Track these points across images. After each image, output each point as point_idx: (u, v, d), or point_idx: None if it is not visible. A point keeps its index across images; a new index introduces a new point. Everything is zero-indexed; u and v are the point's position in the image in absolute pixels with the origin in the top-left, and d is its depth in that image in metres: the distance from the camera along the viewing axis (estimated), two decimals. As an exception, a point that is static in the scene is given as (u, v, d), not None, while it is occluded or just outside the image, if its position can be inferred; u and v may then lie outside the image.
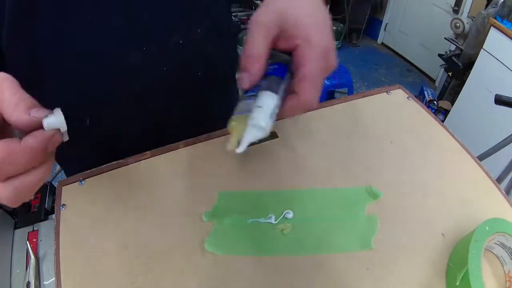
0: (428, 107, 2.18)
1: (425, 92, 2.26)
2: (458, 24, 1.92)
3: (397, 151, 0.48)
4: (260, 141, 0.38)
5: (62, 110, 0.24)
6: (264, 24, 0.31)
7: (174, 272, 0.34)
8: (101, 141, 0.49)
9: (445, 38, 2.09)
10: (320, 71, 0.31)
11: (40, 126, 0.23)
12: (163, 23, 0.42)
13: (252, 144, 0.30)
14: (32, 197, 0.80)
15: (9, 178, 0.23)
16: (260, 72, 0.31)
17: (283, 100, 0.31)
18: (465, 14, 2.15)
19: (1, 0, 0.34)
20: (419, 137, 0.51)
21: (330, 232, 0.39)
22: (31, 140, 0.22)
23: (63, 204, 0.39)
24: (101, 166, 0.43)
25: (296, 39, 0.31)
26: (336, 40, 3.00)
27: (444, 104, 2.20)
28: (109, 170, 0.42)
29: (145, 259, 0.35)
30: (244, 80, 0.32)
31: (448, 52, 2.15)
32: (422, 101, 2.19)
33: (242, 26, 2.60)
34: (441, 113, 2.18)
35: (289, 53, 0.32)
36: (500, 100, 1.07)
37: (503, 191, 0.44)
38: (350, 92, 2.12)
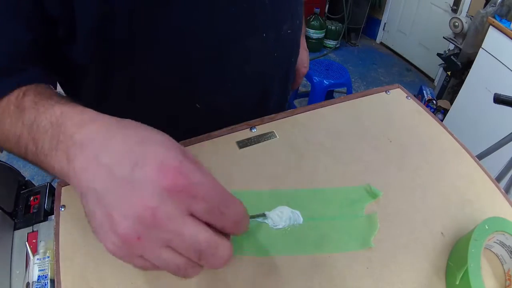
0: (427, 106, 2.18)
1: (424, 92, 2.27)
2: (457, 24, 1.92)
3: (396, 150, 0.48)
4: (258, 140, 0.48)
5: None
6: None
7: (174, 272, 0.34)
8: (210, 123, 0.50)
9: (444, 37, 2.09)
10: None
11: None
12: (279, 13, 0.49)
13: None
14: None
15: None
16: None
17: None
18: (463, 14, 2.15)
19: None
20: (418, 136, 0.51)
21: (330, 231, 0.39)
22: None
23: (63, 205, 0.39)
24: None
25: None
26: (335, 40, 3.00)
27: (443, 103, 2.21)
28: (109, 171, 0.42)
29: (145, 260, 0.35)
30: None
31: (447, 52, 2.15)
32: (421, 101, 2.19)
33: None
34: (440, 112, 2.18)
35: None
36: (499, 99, 1.07)
37: (503, 190, 0.44)
38: (349, 91, 2.12)
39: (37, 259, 0.59)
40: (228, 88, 0.50)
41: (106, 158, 0.23)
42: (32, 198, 0.79)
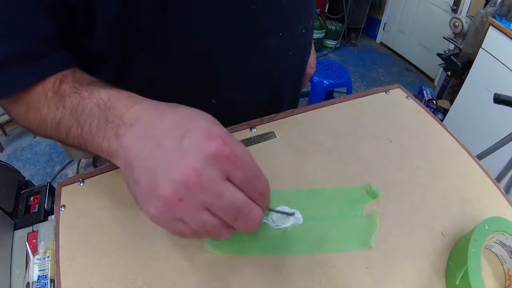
0: (427, 106, 2.18)
1: (424, 92, 2.26)
2: (457, 24, 1.92)
3: (396, 150, 0.48)
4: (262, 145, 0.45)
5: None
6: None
7: (174, 272, 0.34)
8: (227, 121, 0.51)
9: (444, 37, 2.09)
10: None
11: None
12: (295, 12, 0.49)
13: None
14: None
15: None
16: None
17: None
18: (463, 14, 2.15)
19: None
20: (418, 136, 0.51)
21: (330, 231, 0.39)
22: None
23: (63, 205, 0.39)
24: (101, 167, 0.43)
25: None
26: (335, 40, 3.00)
27: (443, 103, 2.21)
28: (109, 171, 0.42)
29: (145, 259, 0.35)
30: None
31: (447, 52, 2.15)
32: (421, 101, 2.19)
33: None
34: (440, 112, 2.18)
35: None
36: (499, 99, 1.07)
37: (503, 190, 0.44)
38: (349, 91, 2.12)
39: (37, 259, 0.59)
40: (243, 85, 0.51)
41: (156, 131, 0.26)
42: (32, 198, 0.80)
